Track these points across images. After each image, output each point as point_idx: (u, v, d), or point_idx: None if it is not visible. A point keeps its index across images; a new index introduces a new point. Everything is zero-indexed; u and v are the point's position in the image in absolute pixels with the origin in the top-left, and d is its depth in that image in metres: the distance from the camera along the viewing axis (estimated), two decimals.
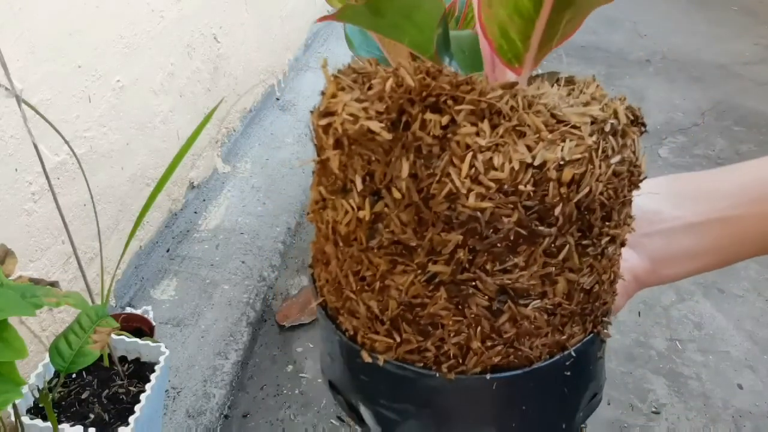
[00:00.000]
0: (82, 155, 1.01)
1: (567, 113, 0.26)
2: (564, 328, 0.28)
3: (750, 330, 1.35)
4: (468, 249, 0.26)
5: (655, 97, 2.26)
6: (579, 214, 0.26)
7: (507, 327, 0.27)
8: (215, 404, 1.07)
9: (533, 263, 0.26)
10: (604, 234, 0.27)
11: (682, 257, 0.38)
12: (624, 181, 0.27)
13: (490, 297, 0.26)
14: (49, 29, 0.93)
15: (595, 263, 0.28)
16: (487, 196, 0.25)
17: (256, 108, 1.81)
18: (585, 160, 0.25)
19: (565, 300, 0.27)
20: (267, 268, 1.37)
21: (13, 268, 0.71)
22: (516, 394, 0.29)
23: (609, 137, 0.26)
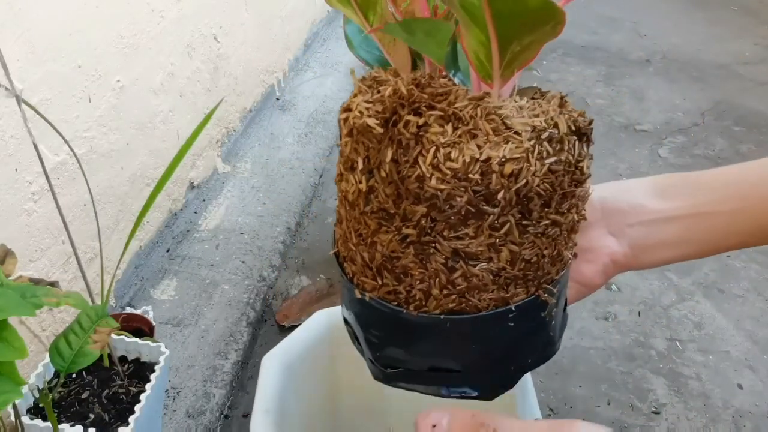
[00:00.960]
0: (82, 155, 1.01)
1: (514, 122, 0.33)
2: (508, 288, 0.35)
3: (750, 330, 1.35)
4: (430, 218, 0.33)
5: (655, 97, 2.26)
6: (518, 200, 0.33)
7: (459, 281, 0.34)
8: (215, 404, 1.07)
9: (481, 234, 0.33)
10: (544, 218, 0.34)
11: (661, 246, 0.42)
12: (562, 177, 0.34)
13: (446, 257, 0.34)
14: (49, 29, 0.93)
15: (537, 240, 0.34)
16: (445, 180, 0.32)
17: (256, 108, 1.81)
18: (522, 159, 0.32)
19: (509, 266, 0.34)
20: (267, 268, 1.37)
21: (13, 268, 0.71)
22: (467, 334, 0.36)
23: (545, 143, 0.33)
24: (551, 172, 0.33)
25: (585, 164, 0.35)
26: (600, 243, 0.42)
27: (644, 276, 1.47)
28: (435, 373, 0.38)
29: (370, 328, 0.39)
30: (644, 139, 2.02)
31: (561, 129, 0.33)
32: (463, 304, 0.35)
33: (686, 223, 0.41)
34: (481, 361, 0.37)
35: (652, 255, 0.42)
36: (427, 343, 0.37)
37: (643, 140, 2.01)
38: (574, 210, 0.36)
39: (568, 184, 0.34)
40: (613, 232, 0.42)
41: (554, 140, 0.33)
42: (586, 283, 0.43)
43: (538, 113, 0.33)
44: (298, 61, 2.13)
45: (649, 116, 2.15)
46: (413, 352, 0.38)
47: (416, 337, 0.37)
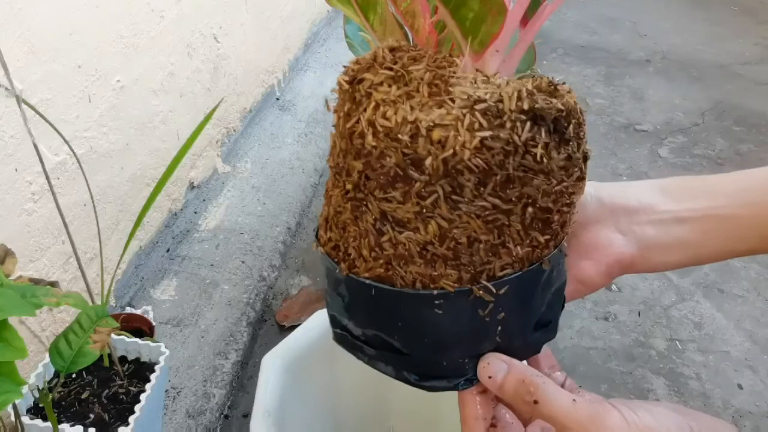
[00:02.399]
0: (82, 155, 1.01)
1: (455, 90, 0.32)
2: (435, 266, 0.33)
3: (750, 330, 1.35)
4: (365, 176, 0.33)
5: (655, 97, 2.26)
6: (446, 171, 0.31)
7: (386, 246, 0.34)
8: (215, 404, 1.07)
9: (408, 200, 0.32)
10: (478, 198, 0.32)
11: (674, 247, 0.41)
12: (501, 157, 0.31)
13: (376, 218, 0.33)
14: (49, 29, 0.93)
15: (471, 222, 0.32)
16: (378, 138, 0.32)
17: (256, 108, 1.81)
18: (451, 127, 0.31)
19: (437, 241, 0.33)
20: (267, 268, 1.37)
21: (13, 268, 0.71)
22: (391, 309, 0.35)
23: (477, 114, 0.31)
24: (485, 147, 0.31)
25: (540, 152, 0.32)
26: (606, 241, 0.41)
27: (644, 276, 1.47)
28: (375, 347, 0.37)
29: (324, 278, 0.40)
30: (644, 139, 2.02)
31: (505, 105, 0.31)
32: (390, 273, 0.34)
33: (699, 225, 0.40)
34: (413, 344, 0.36)
35: (660, 257, 0.41)
36: (357, 309, 0.37)
37: (643, 140, 2.01)
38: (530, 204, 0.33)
39: (513, 168, 0.32)
40: (621, 231, 0.41)
41: (491, 113, 0.31)
42: (585, 282, 0.42)
43: (490, 87, 0.32)
44: (298, 61, 2.13)
45: (649, 116, 2.15)
46: (350, 315, 0.38)
47: (350, 299, 0.37)
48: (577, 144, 0.34)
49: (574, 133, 0.33)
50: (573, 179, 0.34)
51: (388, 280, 0.34)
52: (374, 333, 0.37)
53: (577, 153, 0.34)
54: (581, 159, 0.35)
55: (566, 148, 0.33)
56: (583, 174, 0.35)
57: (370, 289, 0.35)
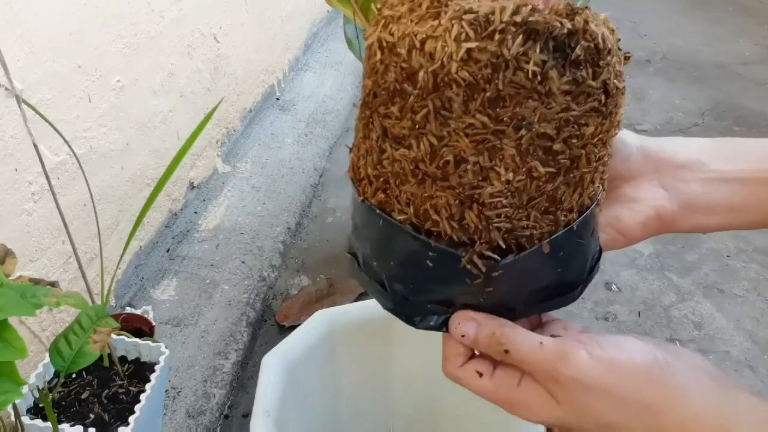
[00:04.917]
0: (82, 155, 1.01)
1: (451, 3, 0.31)
2: (425, 186, 0.33)
3: (750, 330, 1.35)
4: (373, 93, 0.33)
5: (655, 97, 2.26)
6: (436, 84, 0.31)
7: (386, 163, 0.34)
8: (215, 404, 1.07)
9: (404, 116, 0.32)
10: (466, 114, 0.31)
11: (717, 208, 0.39)
12: (487, 71, 0.30)
13: (378, 134, 0.34)
14: (49, 29, 0.93)
15: (460, 140, 0.31)
16: (384, 54, 0.32)
17: (256, 108, 1.81)
18: (440, 38, 0.30)
19: (428, 159, 0.32)
20: (267, 268, 1.37)
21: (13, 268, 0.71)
22: (385, 235, 0.35)
23: (464, 24, 0.30)
24: (472, 59, 0.30)
25: (534, 69, 0.30)
26: (648, 194, 0.40)
27: (644, 276, 1.47)
28: (369, 276, 0.38)
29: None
30: None
31: (496, 16, 0.29)
32: (389, 195, 0.34)
33: (746, 187, 0.39)
34: (399, 282, 0.36)
35: (702, 217, 0.39)
36: (362, 236, 0.38)
37: None
38: (525, 126, 0.31)
39: (503, 84, 0.30)
40: (665, 186, 0.39)
41: (478, 24, 0.30)
42: (623, 231, 0.40)
43: (490, 1, 0.31)
44: (298, 61, 2.13)
45: (649, 116, 2.15)
46: (360, 241, 0.38)
47: (359, 223, 0.38)
48: (593, 71, 0.31)
49: (586, 57, 0.31)
50: (584, 108, 0.32)
51: (389, 206, 0.35)
52: (372, 262, 0.37)
53: (591, 80, 0.31)
54: (599, 89, 0.32)
55: (573, 72, 0.31)
56: (600, 106, 0.32)
57: (376, 216, 0.35)
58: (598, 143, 0.33)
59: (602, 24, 0.32)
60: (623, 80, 0.34)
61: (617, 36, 0.34)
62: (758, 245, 1.57)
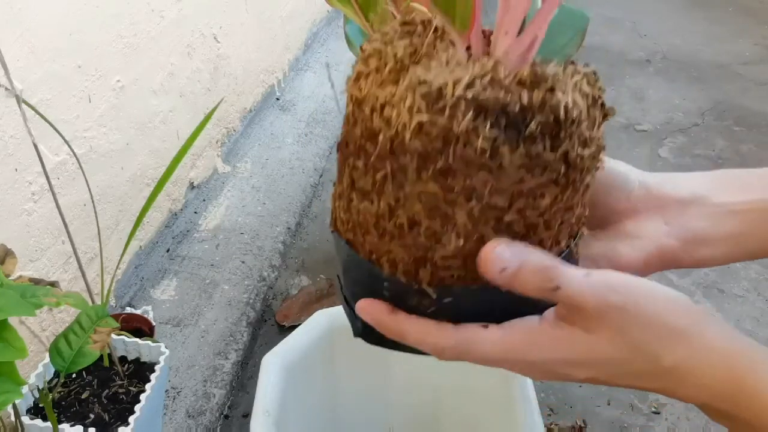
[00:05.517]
0: (82, 155, 1.01)
1: (413, 70, 0.32)
2: (384, 240, 0.34)
3: (750, 330, 1.35)
4: (346, 141, 0.34)
5: (655, 97, 2.26)
6: (391, 149, 0.31)
7: (353, 212, 0.34)
8: (215, 404, 1.07)
9: (367, 173, 0.33)
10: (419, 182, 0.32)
11: (723, 241, 0.39)
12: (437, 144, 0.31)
13: (347, 183, 0.34)
14: (49, 29, 0.93)
15: (414, 204, 0.32)
16: (354, 108, 0.33)
17: (256, 108, 1.81)
18: (396, 107, 0.31)
19: (387, 217, 0.33)
20: (267, 268, 1.37)
21: (13, 268, 0.71)
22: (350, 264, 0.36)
23: (417, 96, 0.31)
24: (423, 132, 0.30)
25: (483, 145, 0.30)
26: (650, 230, 0.39)
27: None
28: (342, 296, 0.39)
29: None
30: (644, 139, 2.02)
31: (447, 90, 0.29)
32: (354, 238, 0.35)
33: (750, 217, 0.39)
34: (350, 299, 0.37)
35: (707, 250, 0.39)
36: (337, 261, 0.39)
37: (643, 140, 2.01)
38: (476, 198, 0.31)
39: (453, 158, 0.30)
40: (667, 222, 0.39)
41: (430, 97, 0.30)
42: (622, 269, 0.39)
43: (447, 70, 0.30)
44: (298, 61, 2.13)
45: (649, 116, 2.15)
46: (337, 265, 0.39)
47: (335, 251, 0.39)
48: (551, 144, 0.30)
49: (543, 131, 0.30)
50: (540, 180, 0.31)
51: (355, 244, 0.35)
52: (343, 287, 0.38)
53: (549, 153, 0.31)
54: (559, 160, 0.31)
55: (527, 146, 0.30)
56: (560, 177, 0.32)
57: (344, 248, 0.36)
58: (559, 210, 0.33)
59: (574, 89, 0.31)
60: (597, 142, 0.33)
61: (598, 91, 0.33)
62: None
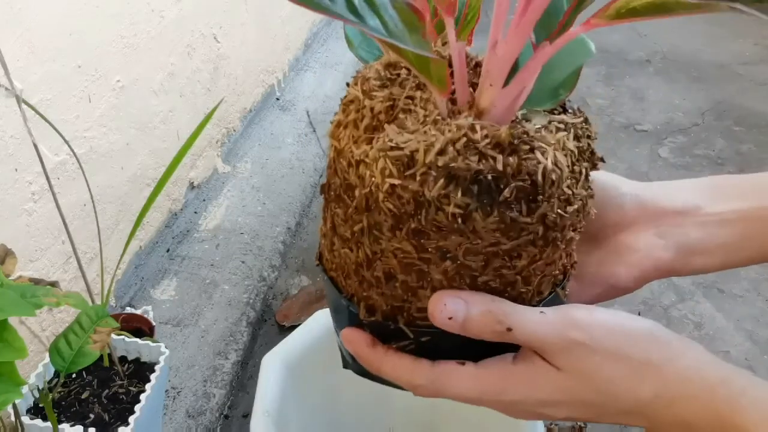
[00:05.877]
0: (82, 155, 1.01)
1: (386, 131, 0.31)
2: (364, 287, 0.34)
3: (750, 330, 1.35)
4: (329, 185, 0.34)
5: (655, 97, 2.26)
6: (367, 205, 0.31)
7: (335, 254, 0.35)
8: (215, 404, 1.07)
9: (346, 222, 0.33)
10: (394, 239, 0.32)
11: (717, 249, 0.39)
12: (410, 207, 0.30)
13: (329, 226, 0.35)
14: (49, 29, 0.93)
15: (390, 258, 0.33)
16: (334, 156, 0.33)
17: (256, 108, 1.81)
18: (370, 166, 0.31)
19: (365, 266, 0.33)
20: (267, 268, 1.37)
21: (13, 268, 0.71)
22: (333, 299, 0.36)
23: (389, 160, 0.30)
24: (396, 194, 0.30)
25: (454, 211, 0.29)
26: (644, 244, 0.39)
27: None
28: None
29: None
30: (644, 139, 2.02)
31: (419, 157, 0.29)
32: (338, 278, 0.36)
33: (743, 225, 0.39)
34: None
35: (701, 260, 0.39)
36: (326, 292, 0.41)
37: (643, 140, 2.01)
38: (450, 258, 0.31)
39: (426, 221, 0.30)
40: (661, 234, 0.39)
41: (401, 163, 0.29)
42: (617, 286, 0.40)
43: (421, 132, 0.30)
44: (298, 61, 2.13)
45: (649, 116, 2.15)
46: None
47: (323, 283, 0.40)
48: (527, 208, 0.30)
49: (518, 196, 0.29)
50: (517, 242, 0.31)
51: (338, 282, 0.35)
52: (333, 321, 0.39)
53: (525, 217, 0.30)
54: (536, 223, 0.30)
55: (502, 212, 0.29)
56: (538, 238, 0.31)
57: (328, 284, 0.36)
58: (539, 266, 0.32)
59: (556, 147, 0.31)
60: (583, 196, 0.32)
61: (587, 141, 0.32)
62: None
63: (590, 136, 0.33)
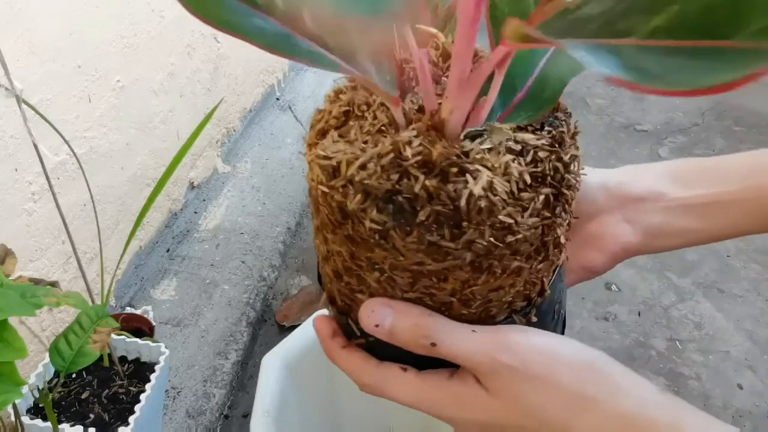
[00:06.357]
0: (82, 155, 1.01)
1: (328, 136, 0.32)
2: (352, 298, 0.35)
3: (750, 330, 1.35)
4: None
5: (655, 97, 2.26)
6: (317, 203, 0.32)
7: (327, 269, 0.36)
8: (215, 404, 1.07)
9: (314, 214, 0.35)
10: (335, 242, 0.33)
11: (680, 232, 0.42)
12: (337, 215, 0.31)
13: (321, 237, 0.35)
14: (49, 29, 0.93)
15: (337, 259, 0.34)
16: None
17: (256, 108, 1.81)
18: (311, 168, 0.32)
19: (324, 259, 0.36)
20: (267, 268, 1.37)
21: (13, 268, 0.71)
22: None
23: (318, 168, 0.31)
24: (326, 201, 0.31)
25: (371, 226, 0.29)
26: (613, 231, 0.42)
27: (644, 276, 1.47)
28: None
29: None
30: (644, 139, 2.02)
31: (342, 169, 0.30)
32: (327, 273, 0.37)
33: (705, 210, 0.41)
34: None
35: (666, 241, 0.42)
36: None
37: (643, 140, 2.01)
38: (377, 269, 0.31)
39: (352, 231, 0.30)
40: (628, 220, 0.42)
41: (327, 172, 0.30)
42: (591, 269, 0.43)
43: (357, 144, 0.30)
44: None
45: (649, 116, 2.15)
46: None
47: None
48: (450, 233, 0.28)
49: (438, 220, 0.28)
50: (443, 265, 0.29)
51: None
52: None
53: (449, 242, 0.28)
54: (462, 249, 0.29)
55: (422, 233, 0.28)
56: (465, 264, 0.29)
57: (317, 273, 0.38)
58: (478, 291, 0.31)
59: (495, 172, 0.29)
60: (536, 224, 0.30)
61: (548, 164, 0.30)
62: (758, 245, 1.57)
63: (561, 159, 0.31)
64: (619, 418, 0.30)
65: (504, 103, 0.32)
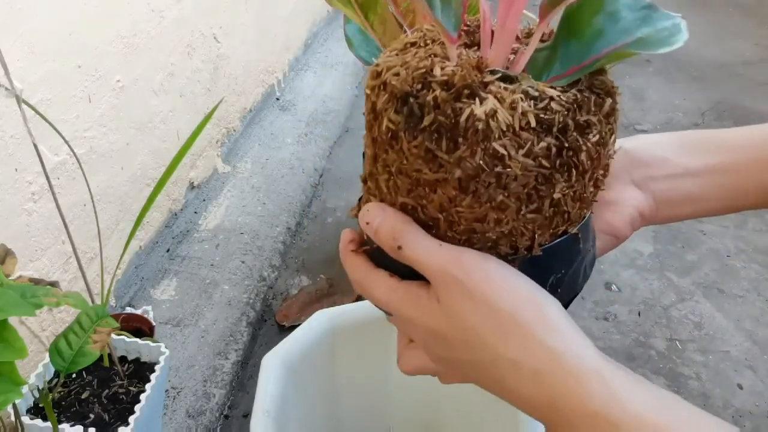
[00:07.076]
0: (82, 155, 1.01)
1: (394, 43, 0.35)
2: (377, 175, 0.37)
3: (750, 330, 1.35)
4: None
5: (655, 97, 2.26)
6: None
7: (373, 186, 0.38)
8: (215, 404, 1.07)
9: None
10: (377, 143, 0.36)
11: (684, 201, 0.43)
12: (371, 116, 0.35)
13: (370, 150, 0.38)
14: (49, 29, 0.93)
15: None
16: None
17: (256, 108, 1.81)
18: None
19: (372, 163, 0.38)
20: (267, 268, 1.37)
21: (13, 268, 0.71)
22: None
23: (369, 71, 0.34)
24: (370, 99, 0.34)
25: (388, 125, 0.33)
26: (625, 195, 0.43)
27: (644, 276, 1.47)
28: None
29: None
30: None
31: (382, 73, 0.33)
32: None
33: (707, 179, 0.42)
34: None
35: (674, 209, 0.43)
36: None
37: None
38: (388, 171, 0.34)
39: (378, 131, 0.34)
40: (637, 185, 0.43)
41: (374, 75, 0.34)
42: (615, 234, 0.43)
43: (410, 54, 0.34)
44: (298, 61, 2.13)
45: (649, 116, 2.15)
46: None
47: None
48: (447, 145, 0.31)
49: (439, 130, 0.31)
50: (437, 176, 0.32)
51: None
52: None
53: (443, 153, 0.31)
54: (453, 164, 0.31)
55: (425, 141, 0.31)
56: (453, 179, 0.31)
57: None
58: (463, 215, 0.32)
59: (503, 104, 0.30)
60: (527, 166, 0.31)
61: (553, 115, 0.31)
62: (758, 245, 1.57)
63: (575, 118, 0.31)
64: (547, 352, 0.31)
65: (563, 68, 0.34)
